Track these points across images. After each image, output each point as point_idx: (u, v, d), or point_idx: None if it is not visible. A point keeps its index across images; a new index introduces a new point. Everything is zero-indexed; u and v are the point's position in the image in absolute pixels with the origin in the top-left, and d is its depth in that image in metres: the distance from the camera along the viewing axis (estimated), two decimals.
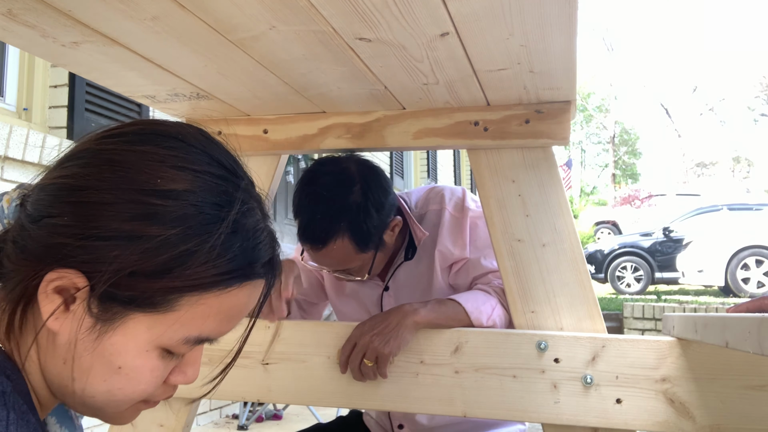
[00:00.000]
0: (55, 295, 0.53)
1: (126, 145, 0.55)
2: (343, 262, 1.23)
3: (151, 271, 0.53)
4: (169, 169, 0.54)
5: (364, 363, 1.11)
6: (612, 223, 17.20)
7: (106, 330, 0.54)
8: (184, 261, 0.53)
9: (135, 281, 0.53)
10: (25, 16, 0.84)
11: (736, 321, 0.62)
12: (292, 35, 0.87)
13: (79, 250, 0.52)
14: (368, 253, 1.23)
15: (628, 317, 6.42)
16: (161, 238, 0.52)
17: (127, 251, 0.52)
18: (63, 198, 0.54)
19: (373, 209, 1.20)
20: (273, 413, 3.92)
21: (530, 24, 0.81)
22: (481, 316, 1.16)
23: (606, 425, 1.05)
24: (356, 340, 1.13)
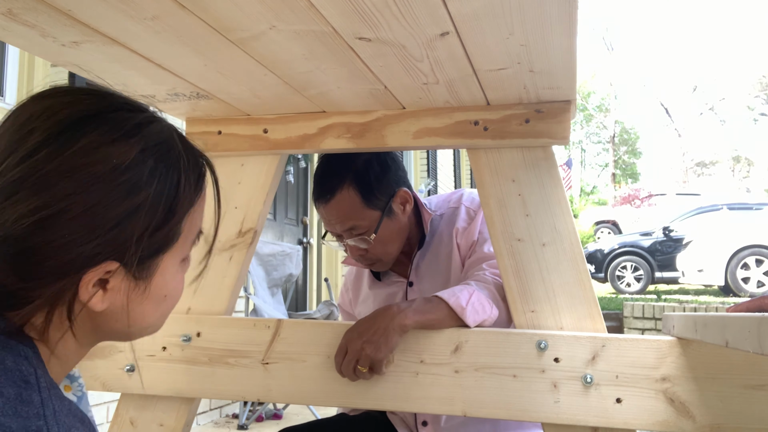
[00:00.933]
0: (93, 288, 0.61)
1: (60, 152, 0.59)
2: (350, 215, 1.31)
3: (161, 221, 0.63)
4: (110, 147, 0.60)
5: (359, 369, 1.11)
6: (612, 223, 17.21)
7: (149, 280, 0.65)
8: (176, 196, 0.64)
9: (154, 237, 0.62)
10: (25, 15, 0.84)
11: (735, 320, 0.62)
12: (292, 35, 0.87)
13: (100, 248, 0.59)
14: (374, 210, 1.32)
15: (628, 317, 6.42)
16: (151, 196, 0.61)
17: (136, 223, 0.60)
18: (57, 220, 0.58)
19: (378, 167, 1.33)
20: (273, 413, 3.92)
21: (530, 23, 0.81)
22: (459, 300, 1.15)
23: (606, 425, 1.05)
24: (347, 346, 1.13)
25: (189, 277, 0.80)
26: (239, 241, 1.28)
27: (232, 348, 1.21)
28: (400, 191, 1.37)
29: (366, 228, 1.32)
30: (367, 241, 1.33)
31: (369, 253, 1.36)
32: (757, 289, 8.65)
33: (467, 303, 1.15)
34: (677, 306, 6.34)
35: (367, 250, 1.35)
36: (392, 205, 1.36)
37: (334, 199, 1.30)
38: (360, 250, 1.36)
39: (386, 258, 1.39)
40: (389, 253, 1.38)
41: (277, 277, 3.96)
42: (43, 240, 0.57)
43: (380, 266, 1.42)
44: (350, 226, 1.32)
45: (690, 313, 0.93)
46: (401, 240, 1.40)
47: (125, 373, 1.24)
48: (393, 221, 1.37)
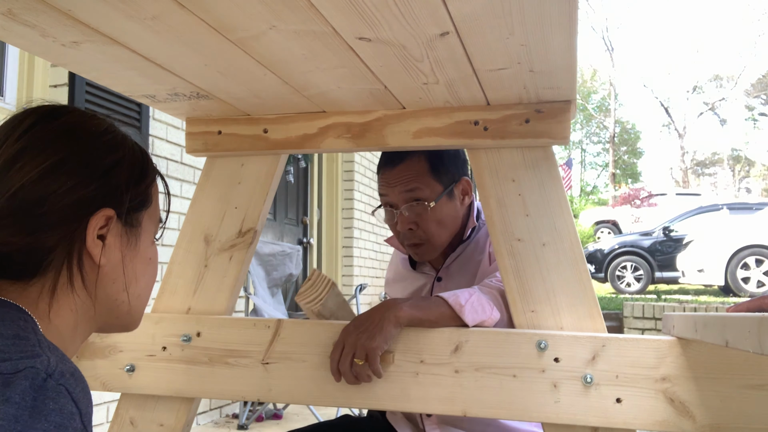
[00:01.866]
0: (98, 240, 0.70)
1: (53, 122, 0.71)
2: (415, 178, 1.34)
3: (138, 177, 0.76)
4: (89, 120, 0.74)
5: (356, 363, 1.11)
6: (612, 223, 17.21)
7: (137, 235, 0.76)
8: (144, 161, 0.77)
9: (136, 189, 0.75)
10: (25, 15, 0.84)
11: (735, 320, 0.62)
12: (292, 35, 0.87)
13: (96, 191, 0.70)
14: (438, 183, 1.35)
15: (628, 317, 6.42)
16: (127, 155, 0.75)
17: (121, 174, 0.73)
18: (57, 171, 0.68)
19: (448, 152, 1.38)
20: (273, 413, 3.92)
21: (530, 23, 0.81)
22: (458, 299, 1.15)
23: (606, 425, 1.05)
24: (343, 341, 1.13)
25: (189, 276, 0.83)
26: (239, 241, 1.28)
27: (232, 348, 1.21)
28: (464, 179, 1.41)
29: (426, 197, 1.34)
30: (425, 208, 1.34)
31: (419, 229, 1.36)
32: (757, 289, 8.66)
33: (466, 302, 1.15)
34: (677, 306, 6.34)
35: (418, 224, 1.35)
36: (454, 188, 1.39)
37: (403, 163, 1.34)
38: (411, 223, 1.35)
39: (434, 239, 1.37)
40: (439, 235, 1.37)
41: (277, 277, 3.96)
42: (47, 190, 0.67)
43: (423, 251, 1.40)
44: (412, 187, 1.34)
45: (690, 313, 0.93)
46: (452, 229, 1.40)
47: (125, 373, 1.24)
48: (451, 204, 1.38)
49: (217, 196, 1.31)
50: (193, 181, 3.71)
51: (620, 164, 32.91)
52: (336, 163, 5.93)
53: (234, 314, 1.33)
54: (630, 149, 34.24)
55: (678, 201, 16.56)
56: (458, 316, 1.14)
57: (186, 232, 1.31)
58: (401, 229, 1.38)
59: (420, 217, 1.35)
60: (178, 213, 3.57)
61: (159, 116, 3.42)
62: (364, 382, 1.13)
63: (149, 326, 1.24)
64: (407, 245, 1.41)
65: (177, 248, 1.31)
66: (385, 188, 1.38)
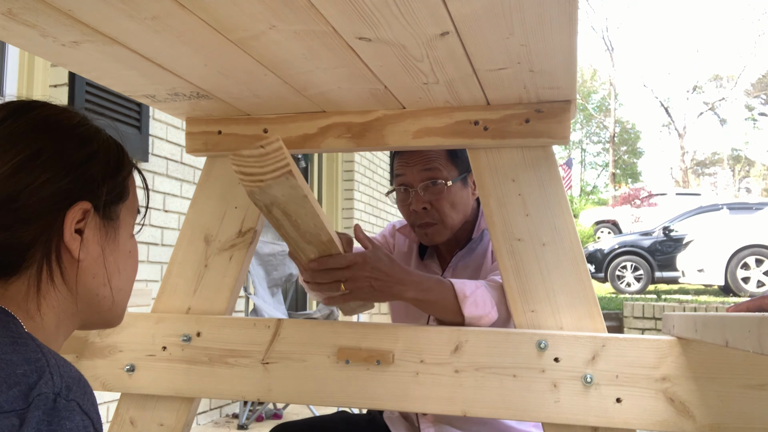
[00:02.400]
0: (76, 234, 0.69)
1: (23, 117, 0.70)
2: (433, 157, 1.38)
3: (114, 169, 0.75)
4: (61, 113, 0.73)
5: (338, 286, 1.08)
6: (612, 223, 17.21)
7: (116, 229, 0.75)
8: (120, 154, 0.77)
9: (112, 182, 0.74)
10: (24, 15, 0.84)
11: (735, 320, 0.62)
12: (292, 35, 0.87)
13: (72, 185, 0.69)
14: (454, 168, 1.40)
15: (628, 316, 6.42)
16: (101, 147, 0.74)
17: (96, 166, 0.72)
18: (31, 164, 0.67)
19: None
20: (273, 412, 3.92)
21: (530, 23, 0.81)
22: (464, 289, 1.17)
23: (606, 424, 1.05)
24: (353, 269, 1.07)
25: (189, 276, 0.82)
26: (239, 241, 1.28)
27: (232, 348, 1.21)
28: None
29: (444, 177, 1.38)
30: (441, 188, 1.37)
31: (433, 209, 1.39)
32: (757, 288, 8.65)
33: (471, 293, 1.17)
34: (677, 306, 6.34)
35: (432, 204, 1.38)
36: (468, 177, 1.43)
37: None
38: (426, 202, 1.38)
39: (446, 220, 1.40)
40: (451, 217, 1.40)
41: (277, 277, 3.96)
42: (21, 185, 0.66)
43: (434, 231, 1.42)
44: (431, 166, 1.38)
45: (690, 312, 0.93)
46: (464, 215, 1.44)
47: (125, 373, 1.24)
48: (465, 191, 1.43)
49: (217, 196, 1.31)
50: (193, 181, 3.71)
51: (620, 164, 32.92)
52: (336, 163, 5.93)
53: (234, 314, 1.33)
54: (630, 149, 34.25)
55: (678, 201, 16.57)
56: (458, 304, 1.16)
57: (186, 231, 1.31)
58: (416, 207, 1.40)
59: (435, 197, 1.38)
60: (178, 213, 3.57)
61: (159, 116, 3.42)
62: (322, 296, 1.13)
63: (149, 326, 1.25)
64: (418, 226, 1.43)
65: (177, 248, 1.31)
66: (403, 168, 1.41)
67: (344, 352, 1.16)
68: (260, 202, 0.91)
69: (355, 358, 1.15)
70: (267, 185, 0.87)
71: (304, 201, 0.92)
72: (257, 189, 0.88)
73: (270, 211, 0.93)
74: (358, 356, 1.15)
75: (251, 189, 0.88)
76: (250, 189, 0.88)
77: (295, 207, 0.93)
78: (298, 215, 0.94)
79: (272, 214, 0.94)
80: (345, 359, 1.16)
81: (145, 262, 3.32)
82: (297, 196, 0.90)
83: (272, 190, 0.88)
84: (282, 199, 0.91)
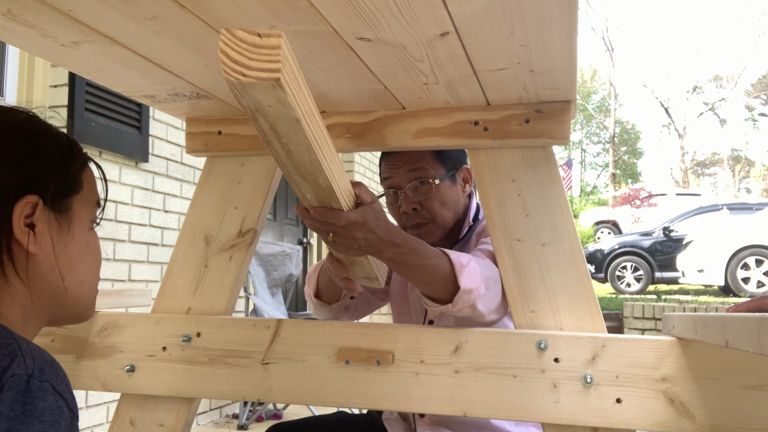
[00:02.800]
0: (25, 228, 0.70)
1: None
2: (419, 158, 1.37)
3: (64, 163, 0.75)
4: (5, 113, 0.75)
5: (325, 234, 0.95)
6: (612, 223, 17.21)
7: (68, 221, 0.75)
8: (69, 147, 0.77)
9: (62, 175, 0.74)
10: (24, 15, 0.84)
11: (736, 320, 0.62)
12: (292, 35, 0.87)
13: (17, 177, 0.70)
14: (442, 166, 1.38)
15: (628, 317, 6.42)
16: (48, 143, 0.74)
17: (42, 160, 0.73)
18: None
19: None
20: (273, 413, 3.92)
21: (530, 23, 0.81)
22: (461, 258, 1.09)
23: (606, 425, 1.05)
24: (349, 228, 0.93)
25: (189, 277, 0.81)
26: (239, 241, 1.28)
27: (232, 348, 1.21)
28: (464, 167, 1.44)
29: (431, 176, 1.37)
30: (429, 187, 1.36)
31: (423, 209, 1.37)
32: (757, 289, 8.65)
33: (468, 263, 1.09)
34: (677, 306, 6.33)
35: (422, 204, 1.37)
36: (456, 174, 1.42)
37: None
38: (415, 203, 1.37)
39: (437, 219, 1.38)
40: (442, 215, 1.39)
41: (277, 277, 3.96)
42: None
43: (426, 231, 1.39)
44: (418, 167, 1.36)
45: (690, 313, 0.93)
46: (455, 213, 1.42)
47: (125, 373, 1.24)
48: (454, 188, 1.41)
49: (217, 196, 1.31)
50: (193, 181, 3.71)
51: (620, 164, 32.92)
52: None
53: (234, 314, 1.33)
54: (630, 149, 34.25)
55: (678, 201, 16.57)
56: (455, 274, 1.07)
57: (186, 232, 1.31)
58: (405, 209, 1.39)
59: (424, 197, 1.37)
60: (178, 213, 3.57)
61: (159, 116, 3.42)
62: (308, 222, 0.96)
63: (149, 326, 1.25)
64: (410, 227, 1.41)
65: (177, 248, 1.31)
66: (390, 170, 1.40)
67: (344, 353, 1.16)
68: (242, 100, 0.73)
69: (355, 359, 1.15)
70: (249, 83, 0.70)
71: (296, 127, 0.75)
72: (237, 82, 0.70)
73: (255, 119, 0.77)
74: (358, 357, 1.15)
75: (230, 79, 0.70)
76: (230, 79, 0.70)
77: (285, 128, 0.76)
78: (290, 140, 0.78)
79: (258, 124, 0.77)
80: (345, 360, 1.16)
81: (145, 263, 3.32)
82: (287, 116, 0.74)
83: (255, 93, 0.71)
84: (270, 111, 0.74)
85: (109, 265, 3.06)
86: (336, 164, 0.88)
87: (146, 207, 3.33)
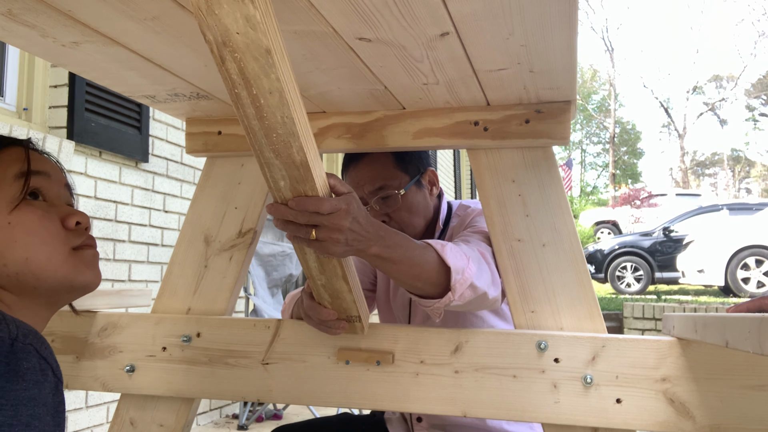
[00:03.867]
0: None
1: None
2: (381, 172, 1.33)
3: None
4: None
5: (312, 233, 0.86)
6: (612, 223, 17.21)
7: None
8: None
9: None
10: (24, 15, 0.84)
11: (736, 321, 0.62)
12: (292, 35, 0.87)
13: None
14: (404, 174, 1.35)
15: (628, 317, 6.42)
16: None
17: None
18: None
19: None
20: (273, 413, 3.92)
21: (530, 24, 0.81)
22: (437, 241, 1.04)
23: (606, 425, 1.05)
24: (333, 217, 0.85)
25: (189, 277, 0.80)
26: (239, 242, 1.28)
27: (232, 348, 1.21)
28: (429, 169, 1.41)
29: (395, 188, 1.34)
30: (396, 198, 1.33)
31: (392, 220, 1.35)
32: (757, 289, 8.65)
33: (445, 244, 1.05)
34: (677, 306, 6.33)
35: (390, 216, 1.34)
36: (421, 179, 1.39)
37: (367, 157, 1.33)
38: (383, 215, 1.34)
39: (408, 228, 1.36)
40: (412, 223, 1.37)
41: (277, 278, 3.96)
42: None
43: None
44: (380, 185, 1.33)
45: (690, 313, 0.93)
46: (425, 219, 1.40)
47: (125, 373, 1.24)
48: (421, 193, 1.39)
49: (217, 197, 1.31)
50: (193, 181, 3.71)
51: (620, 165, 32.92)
52: (336, 164, 5.93)
53: (234, 314, 1.33)
54: (630, 149, 34.26)
55: (678, 201, 16.57)
56: (440, 256, 1.02)
57: (186, 232, 1.31)
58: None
59: (392, 209, 1.34)
60: (178, 213, 3.57)
61: (159, 116, 3.42)
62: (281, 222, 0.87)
63: (149, 327, 1.24)
64: None
65: (177, 249, 1.31)
66: (352, 185, 1.35)
67: (344, 353, 1.16)
68: (209, 31, 0.64)
69: (355, 359, 1.15)
70: (216, 1, 0.61)
71: (267, 62, 0.65)
72: (203, 1, 0.61)
73: (223, 60, 0.67)
74: (358, 357, 1.15)
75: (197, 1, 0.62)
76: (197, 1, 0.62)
77: (255, 68, 0.66)
78: (261, 88, 0.68)
79: (226, 67, 0.67)
80: (345, 360, 1.16)
81: (145, 263, 3.32)
82: (258, 46, 0.64)
83: (222, 14, 0.62)
84: (238, 42, 0.64)
85: (109, 265, 3.06)
86: (310, 138, 0.80)
87: (146, 207, 3.33)
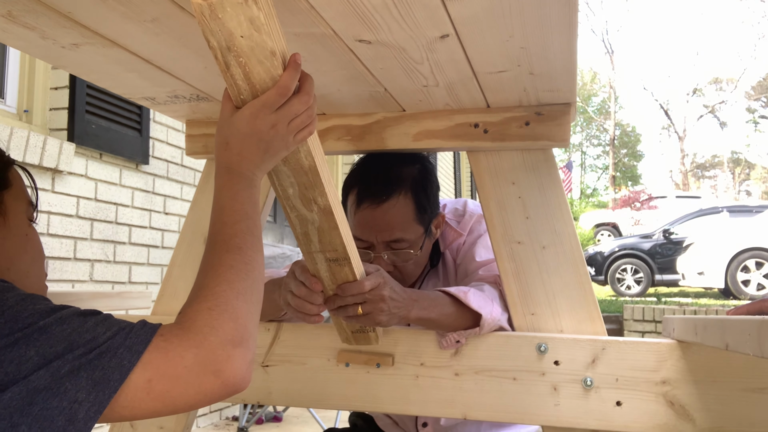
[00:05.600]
0: None
1: None
2: (401, 224, 1.21)
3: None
4: None
5: (359, 309, 0.99)
6: (612, 225, 17.20)
7: (4, 215, 0.78)
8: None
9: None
10: (25, 17, 0.84)
11: (736, 323, 0.62)
12: (292, 37, 0.87)
13: None
14: (420, 226, 1.24)
15: (628, 319, 6.41)
16: None
17: None
18: None
19: (434, 182, 1.29)
20: (273, 415, 3.91)
21: (530, 26, 0.81)
22: (459, 290, 1.09)
23: (606, 428, 1.05)
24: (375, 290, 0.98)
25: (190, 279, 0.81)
26: None
27: None
28: (440, 214, 1.32)
29: (409, 243, 1.23)
30: (408, 254, 1.23)
31: (396, 269, 1.26)
32: (757, 291, 8.65)
33: (468, 290, 1.10)
34: (677, 309, 6.33)
35: (396, 266, 1.25)
36: (432, 226, 1.28)
37: (389, 202, 1.19)
38: (390, 264, 1.24)
39: (408, 279, 1.29)
40: (414, 274, 1.30)
41: None
42: None
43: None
44: (397, 237, 1.21)
45: (690, 316, 0.93)
46: (425, 263, 1.33)
47: None
48: (428, 242, 1.29)
49: None
50: (193, 183, 3.71)
51: (620, 167, 32.92)
52: (336, 165, 5.93)
53: None
54: (630, 152, 34.26)
55: (678, 204, 16.57)
56: (464, 303, 1.07)
57: (186, 234, 1.31)
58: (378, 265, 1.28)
59: (402, 262, 1.25)
60: (178, 215, 3.57)
61: (159, 119, 3.42)
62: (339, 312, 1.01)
63: None
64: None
65: (177, 251, 1.31)
66: (363, 228, 1.22)
67: (344, 355, 1.16)
68: (213, 37, 0.63)
69: (355, 361, 1.15)
70: (218, 3, 0.59)
71: (272, 62, 0.64)
72: (206, 5, 0.59)
73: (228, 67, 0.65)
74: (358, 359, 1.15)
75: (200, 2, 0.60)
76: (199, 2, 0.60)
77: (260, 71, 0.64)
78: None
79: (231, 73, 0.66)
80: (345, 362, 1.16)
81: (146, 265, 3.32)
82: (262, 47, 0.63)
83: (226, 17, 0.60)
84: (243, 46, 0.62)
85: (109, 267, 3.05)
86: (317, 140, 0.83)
87: (146, 209, 3.33)
